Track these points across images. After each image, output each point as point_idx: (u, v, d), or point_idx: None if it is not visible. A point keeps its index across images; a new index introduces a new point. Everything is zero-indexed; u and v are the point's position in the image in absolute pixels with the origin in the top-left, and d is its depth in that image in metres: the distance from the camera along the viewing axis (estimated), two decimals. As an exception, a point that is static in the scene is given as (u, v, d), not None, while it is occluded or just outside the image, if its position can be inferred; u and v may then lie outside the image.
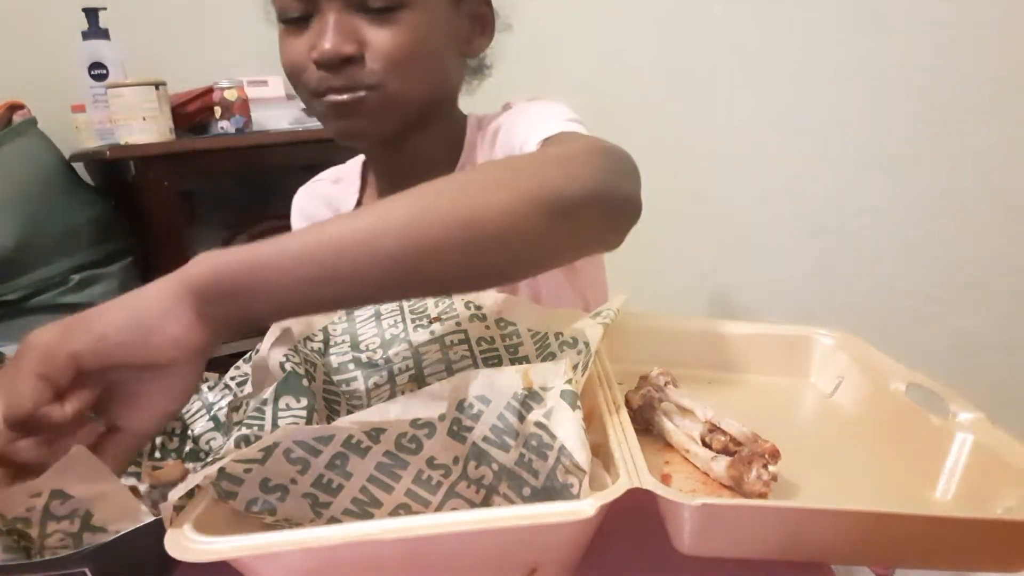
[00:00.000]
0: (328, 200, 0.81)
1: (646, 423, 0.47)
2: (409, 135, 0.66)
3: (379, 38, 0.59)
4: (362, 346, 0.49)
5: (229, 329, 0.37)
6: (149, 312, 0.35)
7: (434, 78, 0.65)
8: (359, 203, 0.78)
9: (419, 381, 0.46)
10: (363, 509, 0.37)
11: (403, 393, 0.44)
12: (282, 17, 0.64)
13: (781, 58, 1.01)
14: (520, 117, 0.65)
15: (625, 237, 0.47)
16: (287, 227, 0.84)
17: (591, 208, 0.43)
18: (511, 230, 0.39)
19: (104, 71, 1.45)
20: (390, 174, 0.73)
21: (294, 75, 0.64)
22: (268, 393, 0.39)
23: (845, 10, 0.91)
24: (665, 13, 1.17)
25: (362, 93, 0.60)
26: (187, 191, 1.73)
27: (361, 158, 0.81)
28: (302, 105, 1.64)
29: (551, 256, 0.44)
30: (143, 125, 1.36)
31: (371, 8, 0.59)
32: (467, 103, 0.73)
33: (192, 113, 1.53)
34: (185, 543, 0.31)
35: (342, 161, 0.84)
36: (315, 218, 0.81)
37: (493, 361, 0.47)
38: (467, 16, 0.67)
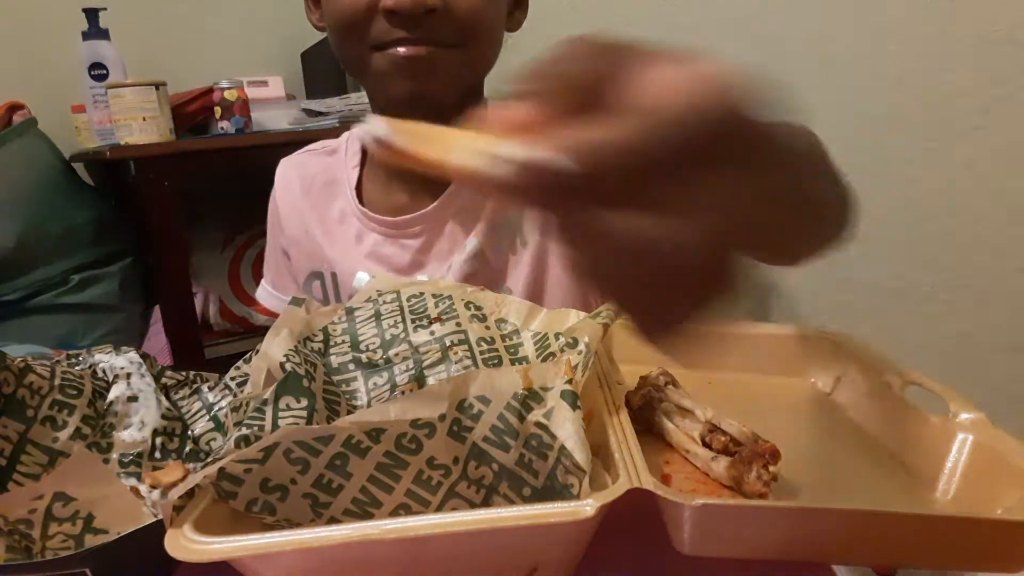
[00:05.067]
0: (322, 170, 0.77)
1: (646, 423, 0.47)
2: (447, 113, 0.62)
3: None
4: (362, 346, 0.49)
5: None
6: None
7: (498, 46, 0.64)
8: (360, 177, 0.75)
9: (419, 381, 0.46)
10: (363, 509, 0.37)
11: (403, 393, 0.44)
12: None
13: (781, 57, 1.01)
14: None
15: None
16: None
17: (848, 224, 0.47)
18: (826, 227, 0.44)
19: (104, 71, 1.45)
20: None
21: (350, 25, 0.58)
22: (268, 393, 0.39)
23: (845, 10, 0.91)
24: (665, 13, 1.17)
25: (436, 49, 0.57)
26: (187, 191, 1.74)
27: (357, 131, 0.79)
28: (302, 105, 1.64)
29: (808, 249, 0.47)
30: (143, 125, 1.36)
31: None
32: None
33: (192, 113, 1.54)
34: (185, 543, 0.31)
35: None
36: (301, 187, 0.78)
37: (493, 361, 0.47)
38: None
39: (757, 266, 0.23)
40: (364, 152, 0.77)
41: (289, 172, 0.81)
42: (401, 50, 0.57)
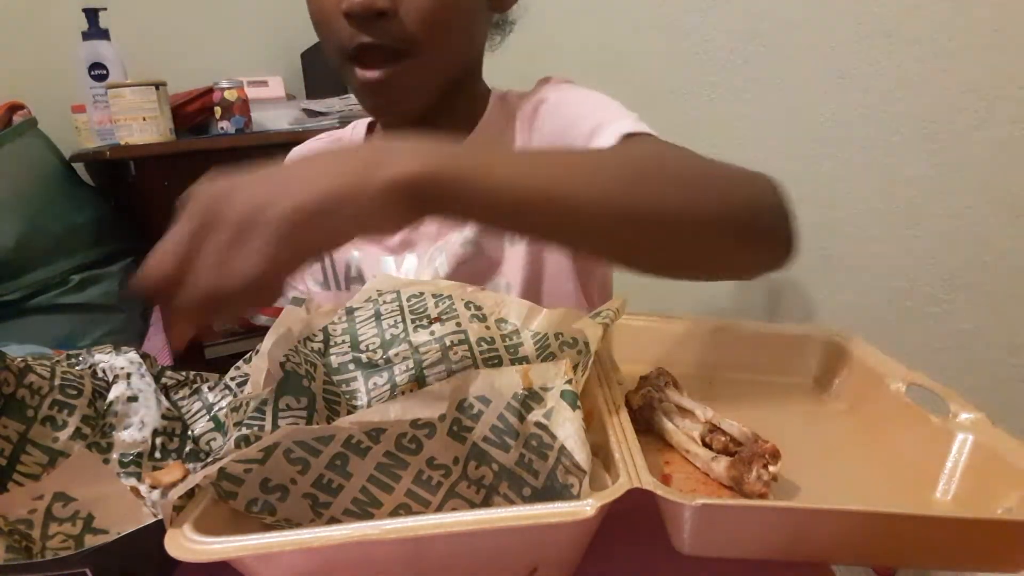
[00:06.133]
0: None
1: (646, 423, 0.47)
2: (435, 105, 0.63)
3: None
4: (362, 346, 0.49)
5: (427, 215, 0.40)
6: (372, 216, 0.36)
7: (466, 38, 0.64)
8: None
9: (419, 381, 0.46)
10: (363, 509, 0.37)
11: (403, 393, 0.44)
12: None
13: (781, 58, 1.01)
14: (573, 99, 0.63)
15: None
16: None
17: (768, 240, 0.45)
18: (696, 236, 0.42)
19: (104, 71, 1.45)
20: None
21: (321, 26, 0.60)
22: (268, 393, 0.39)
23: (846, 10, 0.91)
24: (667, 13, 1.17)
25: (396, 67, 0.58)
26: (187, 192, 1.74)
27: (365, 120, 0.79)
28: (302, 105, 1.64)
29: (710, 269, 0.48)
30: (143, 125, 1.36)
31: None
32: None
33: (192, 113, 1.54)
34: (185, 543, 0.31)
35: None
36: None
37: (493, 361, 0.47)
38: None
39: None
40: (367, 138, 0.77)
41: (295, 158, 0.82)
42: (359, 72, 0.59)
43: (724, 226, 0.42)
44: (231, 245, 0.33)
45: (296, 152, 0.82)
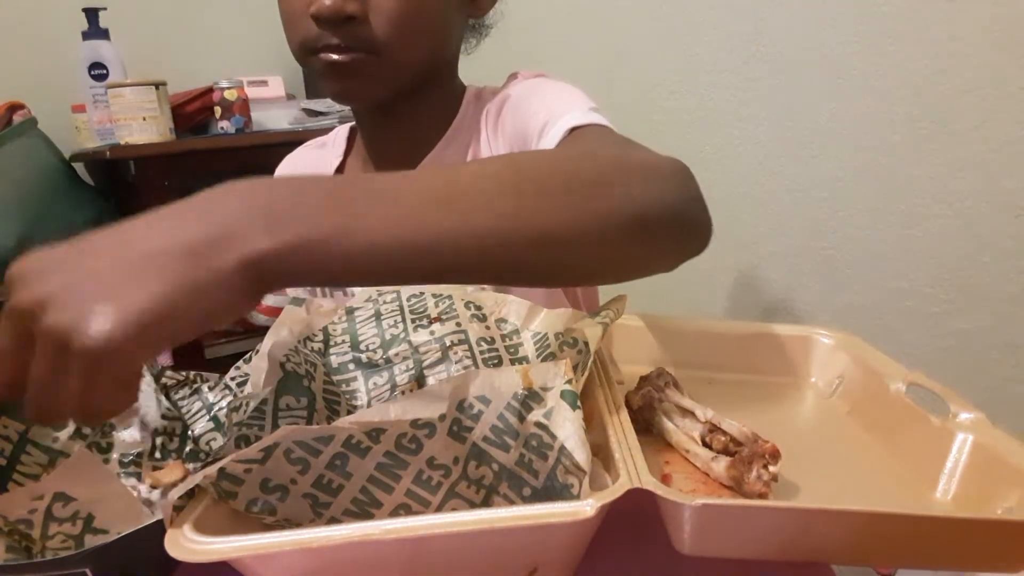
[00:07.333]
0: (308, 165, 0.80)
1: (646, 423, 0.47)
2: (403, 100, 0.64)
3: None
4: (362, 346, 0.49)
5: (279, 288, 0.34)
6: (219, 303, 0.31)
7: (437, 42, 0.64)
8: (342, 166, 0.76)
9: (419, 381, 0.46)
10: (363, 509, 0.37)
11: (403, 393, 0.44)
12: None
13: (781, 58, 1.01)
14: (533, 95, 0.62)
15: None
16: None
17: (672, 233, 0.42)
18: (591, 246, 0.39)
19: (104, 71, 1.45)
20: (376, 138, 0.71)
21: (288, 24, 0.61)
22: (268, 393, 0.39)
23: (846, 10, 0.91)
24: (667, 13, 1.17)
25: (361, 55, 0.58)
26: (187, 191, 1.73)
27: (347, 124, 0.80)
28: (302, 105, 1.64)
29: (619, 273, 0.44)
30: (143, 125, 1.36)
31: None
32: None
33: (192, 113, 1.54)
34: (185, 543, 0.31)
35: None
36: None
37: (493, 361, 0.47)
38: None
39: None
40: (349, 143, 0.78)
41: (283, 169, 0.83)
42: (326, 56, 0.59)
43: (612, 231, 0.39)
44: (54, 373, 0.30)
45: (282, 167, 0.83)
